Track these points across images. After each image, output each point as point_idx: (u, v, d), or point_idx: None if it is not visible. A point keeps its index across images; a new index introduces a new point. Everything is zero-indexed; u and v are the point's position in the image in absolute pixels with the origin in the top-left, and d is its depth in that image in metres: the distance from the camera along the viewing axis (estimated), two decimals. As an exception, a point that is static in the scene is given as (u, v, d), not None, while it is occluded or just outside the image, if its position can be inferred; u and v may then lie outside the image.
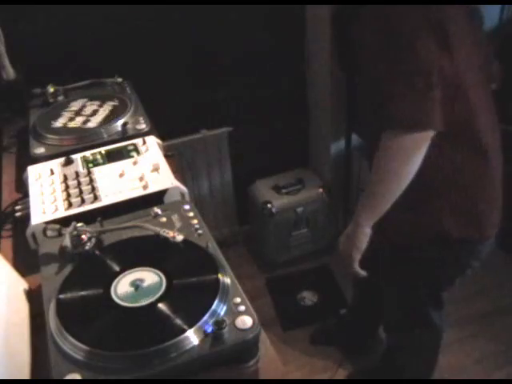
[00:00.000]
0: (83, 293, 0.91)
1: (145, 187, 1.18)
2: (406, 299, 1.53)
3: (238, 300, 0.86)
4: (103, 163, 1.30)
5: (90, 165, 1.29)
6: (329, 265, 2.47)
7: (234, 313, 0.84)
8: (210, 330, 0.81)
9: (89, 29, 1.90)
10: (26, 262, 1.09)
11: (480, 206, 1.28)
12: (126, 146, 1.36)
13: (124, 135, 1.41)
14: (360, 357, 2.03)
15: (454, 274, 1.43)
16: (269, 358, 0.86)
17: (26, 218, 1.14)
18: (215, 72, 2.21)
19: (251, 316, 0.83)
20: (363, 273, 1.35)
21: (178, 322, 0.83)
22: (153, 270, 0.94)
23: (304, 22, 2.27)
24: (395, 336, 1.74)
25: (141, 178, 1.21)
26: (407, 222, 1.31)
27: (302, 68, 2.38)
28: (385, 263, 1.47)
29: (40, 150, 1.37)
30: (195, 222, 1.07)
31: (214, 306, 0.84)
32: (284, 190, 2.39)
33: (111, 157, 1.32)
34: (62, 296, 0.90)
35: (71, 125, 1.47)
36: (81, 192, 1.19)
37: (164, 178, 1.21)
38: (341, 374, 1.98)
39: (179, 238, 0.96)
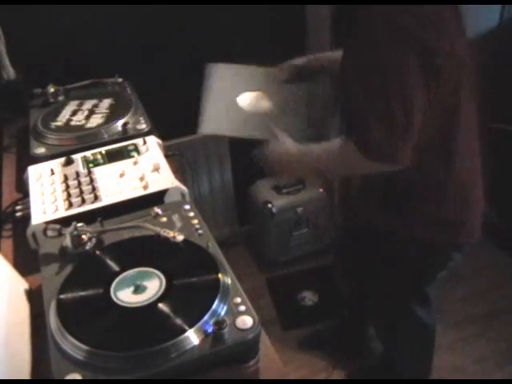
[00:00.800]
0: (83, 293, 0.91)
1: (145, 187, 1.18)
2: (390, 298, 1.53)
3: (239, 300, 0.86)
4: (104, 163, 1.30)
5: (91, 165, 1.29)
6: (329, 265, 2.47)
7: (234, 313, 0.84)
8: (210, 330, 0.81)
9: (89, 29, 1.91)
10: (26, 261, 1.09)
11: (451, 217, 1.29)
12: (126, 146, 1.36)
13: (124, 135, 1.41)
14: (358, 358, 2.03)
15: (434, 270, 1.44)
16: (269, 358, 0.86)
17: (27, 217, 1.14)
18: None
19: (251, 316, 0.83)
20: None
21: (178, 321, 0.83)
22: (153, 270, 0.94)
23: (304, 22, 2.27)
24: (389, 337, 1.73)
25: (141, 178, 1.21)
26: (386, 223, 1.32)
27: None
28: (366, 262, 1.47)
29: (40, 150, 1.37)
30: (195, 222, 1.07)
31: (214, 306, 0.84)
32: (284, 190, 2.39)
33: (112, 157, 1.32)
34: (62, 296, 0.90)
35: (71, 125, 1.47)
36: (81, 192, 1.19)
37: (164, 178, 1.21)
38: (340, 374, 1.98)
39: (179, 238, 0.96)
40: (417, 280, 1.46)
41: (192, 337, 0.81)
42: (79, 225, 1.03)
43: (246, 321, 0.82)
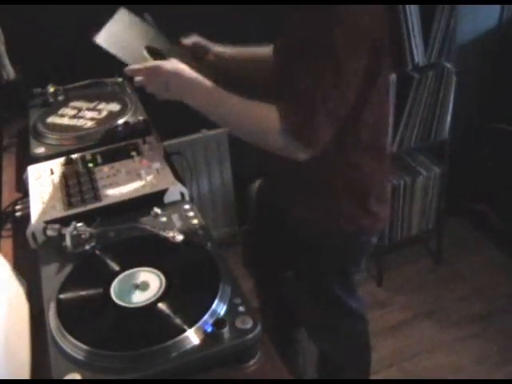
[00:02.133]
0: (83, 293, 0.91)
1: (145, 187, 1.18)
2: (318, 293, 1.45)
3: (238, 300, 0.87)
4: (103, 163, 1.30)
5: (90, 164, 1.29)
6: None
7: (234, 313, 0.84)
8: (209, 329, 0.81)
9: (89, 29, 1.90)
10: (26, 261, 1.09)
11: (373, 206, 1.30)
12: (126, 146, 1.36)
13: (124, 135, 1.41)
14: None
15: (358, 257, 1.42)
16: (269, 358, 0.86)
17: (26, 217, 1.14)
18: (215, 72, 2.21)
19: (251, 316, 0.83)
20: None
21: (178, 321, 0.83)
22: (153, 269, 0.94)
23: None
24: (323, 337, 1.62)
25: (141, 178, 1.21)
26: (310, 214, 1.30)
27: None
28: (290, 258, 1.42)
29: (40, 150, 1.37)
30: (195, 221, 1.07)
31: (213, 306, 0.85)
32: (284, 190, 2.38)
33: (111, 157, 1.31)
34: (62, 296, 0.90)
35: (71, 125, 1.47)
36: (81, 192, 1.19)
37: (164, 178, 1.21)
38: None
39: (179, 237, 0.96)
40: (341, 268, 1.42)
41: (192, 337, 0.81)
42: (79, 224, 1.03)
43: (245, 321, 0.83)
